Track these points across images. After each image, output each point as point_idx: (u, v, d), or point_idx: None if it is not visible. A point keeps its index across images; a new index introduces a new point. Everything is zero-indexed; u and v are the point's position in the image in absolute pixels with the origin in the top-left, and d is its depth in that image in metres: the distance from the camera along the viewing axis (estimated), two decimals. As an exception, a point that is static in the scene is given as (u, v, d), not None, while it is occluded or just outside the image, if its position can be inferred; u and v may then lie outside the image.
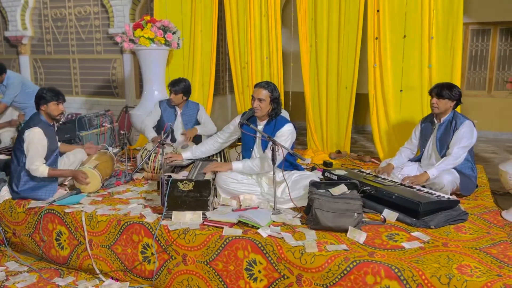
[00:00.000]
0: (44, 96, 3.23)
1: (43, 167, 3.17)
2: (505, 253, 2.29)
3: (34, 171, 3.15)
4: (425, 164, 3.47)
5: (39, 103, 3.25)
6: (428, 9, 4.09)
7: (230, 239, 2.52)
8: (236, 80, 5.12)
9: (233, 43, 5.03)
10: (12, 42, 7.28)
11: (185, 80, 4.17)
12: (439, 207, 2.75)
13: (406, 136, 3.83)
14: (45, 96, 3.22)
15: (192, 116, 4.26)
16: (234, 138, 3.42)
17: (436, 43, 4.12)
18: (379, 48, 4.31)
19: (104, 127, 4.95)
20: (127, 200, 3.22)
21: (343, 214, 2.56)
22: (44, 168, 3.17)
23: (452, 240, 2.48)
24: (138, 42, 4.74)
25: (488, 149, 6.07)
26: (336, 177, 3.26)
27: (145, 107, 4.89)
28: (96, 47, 6.75)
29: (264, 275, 2.45)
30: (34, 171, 3.15)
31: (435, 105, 3.29)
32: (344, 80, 4.57)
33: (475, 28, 7.07)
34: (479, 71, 7.17)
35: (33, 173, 3.16)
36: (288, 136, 3.08)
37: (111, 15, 6.42)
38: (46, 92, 3.23)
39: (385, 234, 2.56)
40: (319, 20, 4.56)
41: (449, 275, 2.07)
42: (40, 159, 3.17)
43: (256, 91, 3.10)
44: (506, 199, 3.55)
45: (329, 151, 4.78)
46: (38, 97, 3.25)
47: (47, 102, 3.23)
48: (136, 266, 2.79)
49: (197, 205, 2.79)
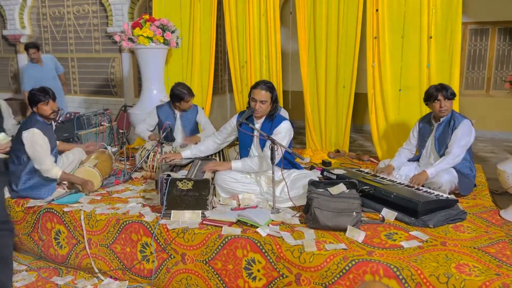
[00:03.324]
0: (33, 97, 3.22)
1: (56, 170, 3.16)
2: (503, 252, 2.30)
3: (46, 171, 3.14)
4: (423, 164, 3.48)
5: (31, 105, 3.25)
6: (427, 8, 4.09)
7: (229, 238, 2.52)
8: (235, 79, 5.12)
9: (232, 42, 5.03)
10: (11, 41, 7.26)
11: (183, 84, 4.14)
12: (437, 206, 2.75)
13: (404, 135, 3.83)
14: (33, 97, 3.21)
15: (191, 118, 4.24)
16: (231, 138, 3.41)
17: (435, 43, 4.12)
18: (378, 48, 4.31)
19: (102, 126, 4.95)
20: (126, 199, 3.22)
21: (342, 213, 2.57)
22: (58, 171, 3.16)
23: (451, 239, 2.48)
24: (136, 41, 4.73)
25: (486, 149, 6.09)
26: (335, 176, 3.26)
27: (144, 106, 4.88)
28: (95, 46, 6.74)
29: (263, 274, 2.45)
30: (46, 172, 3.14)
31: (445, 107, 3.25)
32: (343, 80, 4.57)
33: (474, 28, 7.08)
34: (478, 70, 7.18)
35: (44, 174, 3.14)
36: (285, 133, 3.08)
37: (109, 14, 6.41)
38: (35, 93, 3.22)
39: (384, 233, 2.56)
40: (318, 18, 4.56)
41: (448, 274, 2.08)
42: (49, 158, 3.16)
43: (257, 93, 3.05)
44: (504, 198, 3.55)
45: (328, 150, 4.78)
46: (29, 99, 3.25)
47: (37, 104, 3.22)
48: (135, 265, 2.79)
49: (196, 204, 2.79)
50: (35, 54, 5.45)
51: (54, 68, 5.74)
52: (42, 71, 5.54)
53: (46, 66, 5.61)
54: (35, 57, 5.46)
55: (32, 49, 5.42)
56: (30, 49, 5.42)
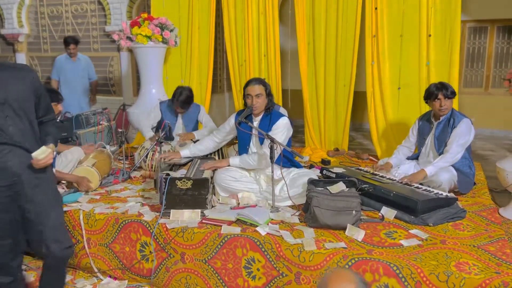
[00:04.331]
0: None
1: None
2: (503, 250, 2.30)
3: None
4: (423, 162, 3.48)
5: None
6: (426, 7, 4.09)
7: (229, 237, 2.52)
8: (234, 78, 5.11)
9: (230, 40, 5.02)
10: (9, 39, 7.24)
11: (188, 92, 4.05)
12: (437, 204, 2.75)
13: (403, 133, 3.83)
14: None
15: (193, 117, 4.24)
16: (230, 137, 3.41)
17: (434, 41, 4.12)
18: (377, 46, 4.30)
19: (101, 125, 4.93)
20: (125, 198, 3.21)
21: (341, 212, 2.56)
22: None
23: (450, 237, 2.48)
24: (135, 40, 4.72)
25: (485, 147, 6.09)
26: (334, 175, 3.26)
27: (143, 105, 4.87)
28: (93, 45, 6.72)
29: (262, 273, 2.45)
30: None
31: (445, 106, 3.25)
32: (342, 78, 4.57)
33: (472, 26, 7.08)
34: (476, 68, 7.18)
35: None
36: (283, 129, 3.08)
37: (108, 12, 6.39)
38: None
39: (384, 232, 2.56)
40: (317, 17, 4.55)
41: (448, 272, 2.08)
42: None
43: (251, 88, 3.08)
44: (504, 197, 3.56)
45: (327, 149, 4.78)
46: None
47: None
48: (134, 264, 2.79)
49: (195, 203, 2.78)
50: (75, 50, 5.49)
51: (86, 69, 5.72)
52: (73, 67, 5.58)
53: (78, 63, 5.62)
54: (73, 52, 5.50)
55: (73, 44, 5.45)
56: (71, 44, 5.44)
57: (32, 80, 2.17)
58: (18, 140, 2.09)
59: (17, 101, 2.08)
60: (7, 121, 2.05)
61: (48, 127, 2.29)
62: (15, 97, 2.07)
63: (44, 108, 2.26)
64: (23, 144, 2.11)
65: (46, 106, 2.27)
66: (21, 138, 2.10)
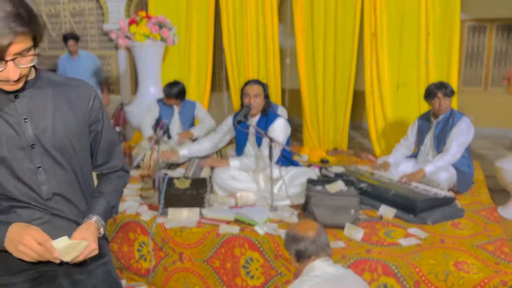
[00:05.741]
0: None
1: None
2: (501, 250, 2.30)
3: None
4: (422, 161, 3.47)
5: None
6: (425, 5, 4.08)
7: (227, 236, 2.51)
8: (233, 76, 5.10)
9: (229, 39, 5.00)
10: (6, 38, 7.20)
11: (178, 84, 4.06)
12: (436, 203, 2.75)
13: (402, 132, 3.82)
14: None
15: (189, 114, 4.22)
16: (227, 138, 3.41)
17: (433, 40, 4.11)
18: (376, 45, 4.29)
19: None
20: (123, 197, 3.20)
21: (340, 211, 2.56)
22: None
23: (449, 236, 2.48)
24: (133, 39, 4.70)
25: (484, 146, 6.08)
26: (333, 174, 3.25)
27: (141, 103, 4.85)
28: (91, 44, 6.70)
29: (261, 272, 2.44)
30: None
31: (444, 105, 3.24)
32: (341, 77, 4.56)
33: (471, 25, 7.07)
34: (475, 67, 7.18)
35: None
36: (281, 130, 3.07)
37: (105, 11, 6.37)
38: None
39: (382, 231, 2.56)
40: (316, 16, 4.54)
41: (446, 271, 2.08)
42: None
43: (249, 88, 3.08)
44: (502, 196, 3.55)
45: (326, 148, 4.77)
46: None
47: None
48: (132, 264, 2.78)
49: (194, 202, 2.77)
50: (74, 47, 5.29)
51: (88, 66, 5.47)
52: (73, 64, 5.39)
53: (78, 61, 5.40)
54: (73, 49, 5.30)
55: (72, 40, 5.26)
56: (69, 40, 5.24)
57: (92, 103, 1.34)
58: (56, 206, 1.27)
59: (58, 141, 1.25)
60: (39, 175, 1.23)
61: (107, 182, 1.44)
62: (55, 134, 1.24)
63: (106, 150, 1.41)
64: (66, 213, 1.30)
65: (109, 147, 1.42)
66: (62, 202, 1.29)
